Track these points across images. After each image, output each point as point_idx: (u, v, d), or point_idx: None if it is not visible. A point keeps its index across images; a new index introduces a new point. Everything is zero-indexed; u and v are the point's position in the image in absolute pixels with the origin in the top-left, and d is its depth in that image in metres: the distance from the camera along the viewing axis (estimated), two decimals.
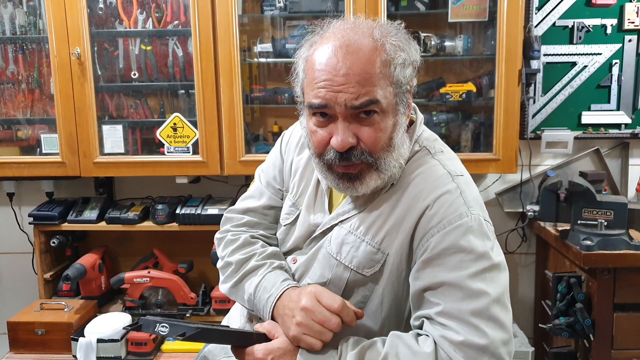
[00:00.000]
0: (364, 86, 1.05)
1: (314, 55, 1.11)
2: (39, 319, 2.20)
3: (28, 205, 2.62)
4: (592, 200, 2.02)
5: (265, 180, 1.42)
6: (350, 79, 1.04)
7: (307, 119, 1.15)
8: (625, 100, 2.44)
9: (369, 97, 1.05)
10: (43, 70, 2.39)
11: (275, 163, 1.42)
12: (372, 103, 1.06)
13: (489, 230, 1.09)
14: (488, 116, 2.32)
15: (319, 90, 1.07)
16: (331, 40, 1.09)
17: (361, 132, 1.08)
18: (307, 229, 1.26)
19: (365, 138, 1.08)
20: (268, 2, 2.32)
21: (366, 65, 1.05)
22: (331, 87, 1.06)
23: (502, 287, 1.05)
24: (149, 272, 2.34)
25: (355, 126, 1.08)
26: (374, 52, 1.07)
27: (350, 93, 1.04)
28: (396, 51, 1.09)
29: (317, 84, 1.08)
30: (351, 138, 1.07)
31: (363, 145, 1.08)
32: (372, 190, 1.14)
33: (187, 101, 2.37)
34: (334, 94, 1.05)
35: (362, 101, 1.05)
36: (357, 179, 1.11)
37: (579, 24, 2.40)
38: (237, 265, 1.29)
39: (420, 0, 2.30)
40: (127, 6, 2.31)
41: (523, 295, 2.65)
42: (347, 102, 1.05)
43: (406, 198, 1.12)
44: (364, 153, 1.09)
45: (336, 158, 1.10)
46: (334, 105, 1.06)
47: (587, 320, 1.98)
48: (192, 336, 1.04)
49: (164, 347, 2.19)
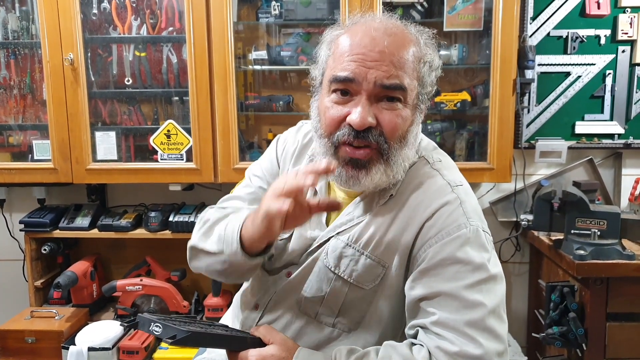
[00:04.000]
0: (396, 68, 1.03)
1: (345, 34, 1.09)
2: (29, 327, 2.18)
3: (19, 212, 2.60)
4: (586, 210, 2.02)
5: (258, 184, 1.36)
6: (386, 57, 1.03)
7: (323, 96, 1.12)
8: (618, 111, 2.45)
9: (399, 81, 1.04)
10: (35, 76, 2.37)
11: (269, 167, 1.36)
12: (400, 88, 1.05)
13: (487, 242, 1.08)
14: (482, 125, 2.33)
15: (348, 63, 1.04)
16: (367, 23, 1.08)
17: (382, 115, 1.06)
18: (303, 242, 1.22)
19: (385, 121, 1.06)
20: (263, 10, 2.32)
21: (402, 49, 1.05)
22: (364, 62, 1.03)
23: (498, 299, 1.04)
24: (142, 280, 2.33)
25: (376, 107, 1.06)
26: (409, 41, 1.07)
27: (382, 71, 1.03)
28: (427, 50, 1.10)
29: (347, 57, 1.05)
30: (371, 117, 1.04)
31: (382, 128, 1.06)
32: (374, 187, 1.11)
33: (181, 108, 2.36)
34: (365, 69, 1.03)
35: (393, 82, 1.03)
36: (363, 167, 1.08)
37: (573, 34, 2.42)
38: (212, 220, 1.25)
39: (416, 9, 2.30)
40: (122, 12, 2.30)
41: (516, 305, 2.65)
42: (378, 79, 1.03)
43: (406, 210, 1.11)
44: (382, 136, 1.06)
45: (350, 135, 1.06)
46: (361, 81, 1.04)
47: (580, 329, 1.98)
48: (183, 339, 1.00)
49: (156, 355, 2.17)
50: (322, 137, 1.12)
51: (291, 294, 1.21)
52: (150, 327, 1.01)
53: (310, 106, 1.20)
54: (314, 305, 1.18)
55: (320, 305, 1.17)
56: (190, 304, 2.35)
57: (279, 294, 1.23)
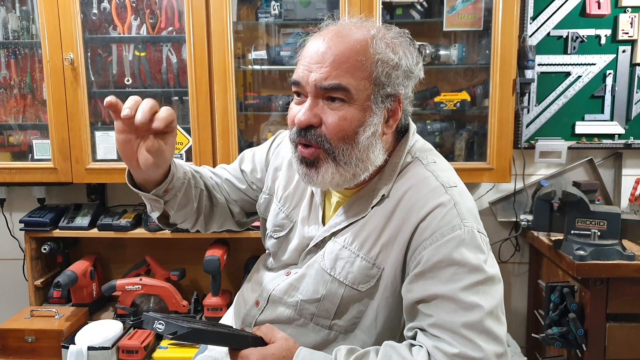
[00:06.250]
0: (336, 69, 1.05)
1: (310, 40, 1.13)
2: (29, 326, 2.18)
3: (19, 212, 2.60)
4: (586, 210, 2.02)
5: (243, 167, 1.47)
6: (326, 59, 1.06)
7: None
8: (618, 111, 2.45)
9: (338, 81, 1.06)
10: (35, 76, 2.38)
11: (260, 157, 1.45)
12: (339, 88, 1.06)
13: (482, 243, 1.07)
14: (482, 125, 2.33)
15: (299, 67, 1.10)
16: (328, 27, 1.13)
17: (325, 115, 1.09)
18: (301, 241, 1.25)
19: (327, 122, 1.08)
20: (263, 10, 2.32)
21: (346, 50, 1.06)
22: (308, 65, 1.08)
23: (496, 300, 1.03)
24: (141, 280, 2.33)
25: (322, 108, 1.09)
26: (360, 42, 1.07)
27: (320, 73, 1.06)
28: (386, 51, 1.08)
29: (301, 61, 1.11)
30: (313, 117, 1.08)
31: (324, 128, 1.09)
32: (331, 185, 1.14)
33: (181, 108, 2.36)
34: (308, 73, 1.07)
35: (331, 83, 1.06)
36: (312, 166, 1.12)
37: (573, 34, 2.41)
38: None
39: (415, 9, 2.30)
40: (121, 12, 2.30)
41: (516, 305, 2.65)
42: (317, 82, 1.06)
43: (400, 211, 1.11)
44: (322, 136, 1.09)
45: (294, 133, 1.12)
46: (305, 84, 1.08)
47: (580, 330, 1.98)
48: (184, 335, 1.02)
49: (155, 354, 2.17)
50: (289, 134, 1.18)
51: (289, 294, 1.22)
52: (154, 325, 1.03)
53: None
54: (310, 307, 1.18)
55: (316, 308, 1.17)
56: (190, 304, 2.35)
57: (278, 292, 1.23)
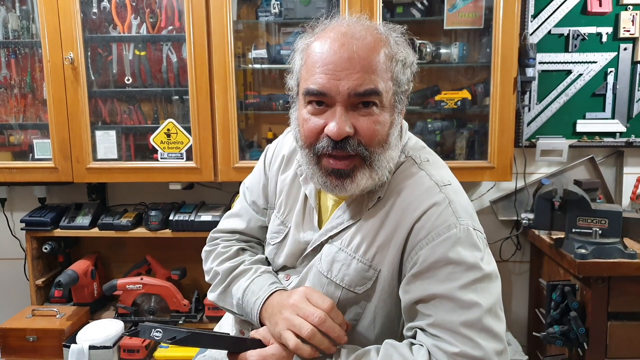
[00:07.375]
0: (368, 73, 1.01)
1: (315, 42, 1.07)
2: (31, 326, 2.19)
3: (20, 211, 2.60)
4: (587, 209, 2.01)
5: (251, 199, 1.40)
6: (355, 64, 1.01)
7: (301, 107, 1.10)
8: (620, 109, 2.44)
9: (373, 85, 1.02)
10: (36, 75, 2.38)
11: (259, 180, 1.39)
12: (375, 93, 1.02)
13: (478, 240, 1.06)
14: (483, 124, 2.32)
15: (319, 75, 1.03)
16: (335, 29, 1.06)
17: (359, 123, 1.04)
18: (297, 246, 1.23)
19: (363, 129, 1.04)
20: (263, 9, 2.32)
21: (371, 52, 1.03)
22: (334, 73, 1.01)
23: (494, 298, 1.02)
24: (142, 279, 2.33)
25: (353, 115, 1.04)
26: (379, 42, 1.05)
27: (354, 80, 1.01)
28: (399, 48, 1.07)
29: (317, 68, 1.03)
30: (348, 127, 1.02)
31: (360, 136, 1.04)
32: (361, 191, 1.10)
33: (181, 107, 2.36)
34: (336, 82, 1.01)
35: (366, 89, 1.01)
36: (347, 176, 1.07)
37: (574, 32, 2.41)
38: (226, 273, 1.28)
39: (416, 7, 2.30)
40: (121, 11, 2.30)
41: (517, 304, 2.64)
42: (351, 89, 1.01)
43: (395, 212, 1.10)
44: (360, 144, 1.04)
45: (329, 146, 1.04)
46: (334, 95, 1.02)
47: (581, 328, 1.98)
48: (183, 339, 1.03)
49: (156, 354, 2.17)
50: (303, 147, 1.11)
51: None
52: (152, 333, 1.04)
53: (290, 116, 1.19)
54: None
55: None
56: (191, 303, 2.35)
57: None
